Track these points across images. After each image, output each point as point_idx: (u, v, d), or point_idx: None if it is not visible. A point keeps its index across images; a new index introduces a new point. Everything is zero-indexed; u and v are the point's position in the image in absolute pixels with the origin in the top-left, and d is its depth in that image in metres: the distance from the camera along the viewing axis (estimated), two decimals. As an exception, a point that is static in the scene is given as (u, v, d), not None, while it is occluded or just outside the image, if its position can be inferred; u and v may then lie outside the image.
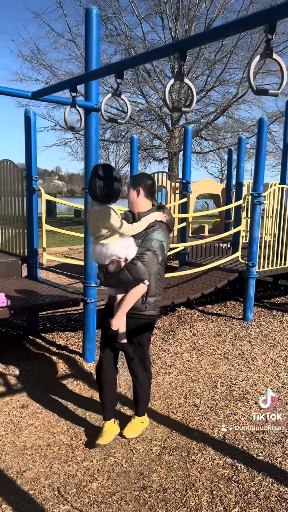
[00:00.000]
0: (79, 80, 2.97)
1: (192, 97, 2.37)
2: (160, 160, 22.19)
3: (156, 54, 2.36)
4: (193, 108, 2.39)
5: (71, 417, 3.43)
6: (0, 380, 3.97)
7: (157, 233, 2.79)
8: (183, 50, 2.27)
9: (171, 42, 2.77)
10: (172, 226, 2.98)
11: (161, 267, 2.87)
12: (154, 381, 4.08)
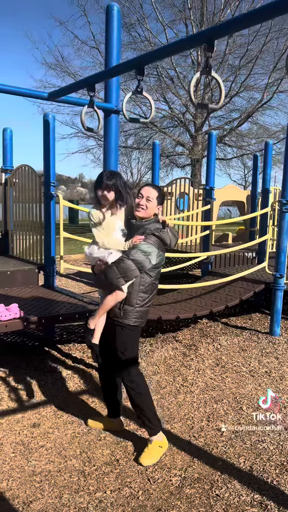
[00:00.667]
0: (97, 77, 2.77)
1: (220, 93, 2.13)
2: (182, 166, 21.97)
3: (181, 45, 2.13)
4: (221, 105, 2.15)
5: (85, 439, 3.19)
6: (12, 395, 3.77)
7: (143, 244, 2.75)
8: (210, 38, 2.04)
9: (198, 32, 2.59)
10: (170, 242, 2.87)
11: (144, 280, 2.83)
12: (175, 401, 3.81)
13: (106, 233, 2.82)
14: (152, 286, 2.90)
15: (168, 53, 2.28)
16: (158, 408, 3.67)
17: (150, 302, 2.96)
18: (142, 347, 4.96)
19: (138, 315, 2.90)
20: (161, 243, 2.82)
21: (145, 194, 2.83)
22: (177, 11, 17.71)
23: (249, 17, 1.92)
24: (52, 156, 4.97)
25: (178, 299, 5.70)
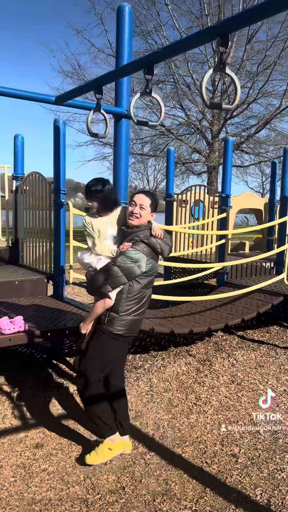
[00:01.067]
0: (104, 79, 2.61)
1: (236, 92, 1.93)
2: (198, 174, 21.75)
3: (192, 41, 1.94)
4: (236, 104, 1.96)
5: (89, 462, 2.99)
6: (16, 412, 3.60)
7: (130, 251, 2.70)
8: (224, 33, 1.85)
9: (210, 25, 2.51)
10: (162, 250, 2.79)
11: (132, 288, 2.74)
12: (187, 421, 3.59)
13: (98, 239, 2.86)
14: (141, 294, 2.80)
15: (178, 50, 2.10)
16: (169, 429, 3.46)
17: (139, 311, 2.84)
18: (154, 361, 4.75)
19: (123, 324, 2.79)
20: (151, 251, 2.75)
21: (138, 202, 2.76)
22: (194, 18, 17.59)
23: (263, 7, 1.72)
24: (63, 163, 4.83)
25: (192, 311, 5.47)
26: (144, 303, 2.86)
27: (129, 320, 2.81)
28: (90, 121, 2.78)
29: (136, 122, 2.22)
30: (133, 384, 4.19)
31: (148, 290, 2.87)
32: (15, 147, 5.84)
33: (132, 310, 2.80)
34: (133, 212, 2.75)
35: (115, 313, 2.78)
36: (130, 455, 3.09)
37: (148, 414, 3.69)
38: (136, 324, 2.87)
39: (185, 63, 17.62)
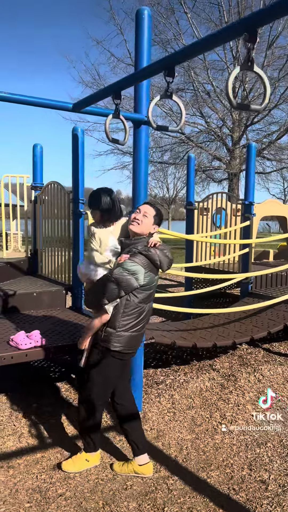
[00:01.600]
0: (124, 83, 2.48)
1: (265, 91, 1.77)
2: (219, 181, 21.53)
3: (217, 38, 1.79)
4: (265, 105, 1.79)
5: (109, 487, 2.82)
6: (33, 430, 3.47)
7: (128, 262, 2.63)
8: (252, 27, 1.69)
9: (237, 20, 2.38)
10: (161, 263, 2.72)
11: (129, 302, 2.67)
12: (211, 442, 3.39)
13: (99, 249, 2.87)
14: (139, 309, 2.71)
15: (202, 49, 1.95)
16: (193, 450, 3.27)
17: (138, 327, 2.75)
18: (176, 376, 4.56)
19: (121, 340, 2.70)
20: (149, 263, 2.68)
21: (142, 209, 2.76)
22: (213, 25, 17.52)
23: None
24: (81, 172, 4.74)
25: (215, 323, 5.27)
26: (142, 318, 2.76)
27: (127, 336, 2.71)
28: (109, 128, 2.66)
29: (156, 127, 2.08)
30: (154, 401, 4.01)
31: (147, 305, 2.78)
32: (34, 157, 5.79)
33: (129, 325, 2.71)
34: (135, 218, 2.73)
35: (112, 329, 2.70)
36: (151, 479, 2.91)
37: (171, 434, 3.50)
38: (134, 340, 2.77)
39: (204, 71, 17.53)
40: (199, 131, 18.96)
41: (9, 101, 2.90)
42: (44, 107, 3.12)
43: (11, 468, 2.99)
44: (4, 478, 2.88)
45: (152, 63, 2.18)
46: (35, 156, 5.77)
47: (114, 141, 2.78)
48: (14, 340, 3.41)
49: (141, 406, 3.81)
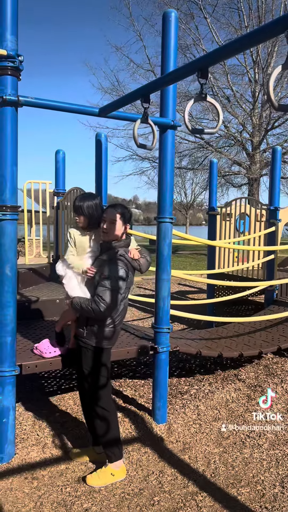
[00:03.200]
0: (152, 86, 2.42)
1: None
2: (239, 186, 21.32)
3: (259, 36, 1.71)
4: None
5: (136, 502, 2.73)
6: (57, 441, 3.40)
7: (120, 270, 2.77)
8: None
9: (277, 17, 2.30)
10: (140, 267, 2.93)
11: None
12: (240, 456, 3.26)
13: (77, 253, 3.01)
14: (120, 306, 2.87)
15: (239, 48, 1.87)
16: (221, 465, 3.15)
17: (117, 322, 2.92)
18: (200, 386, 4.45)
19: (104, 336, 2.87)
20: (130, 265, 2.86)
21: (107, 217, 2.85)
22: (233, 30, 17.43)
23: None
24: (105, 178, 4.69)
25: (240, 331, 5.14)
26: (121, 312, 2.92)
27: (109, 330, 2.88)
28: (137, 133, 2.60)
29: (192, 130, 2.00)
30: (179, 411, 3.90)
31: (125, 301, 2.93)
32: (56, 163, 5.78)
33: (111, 320, 2.86)
34: (104, 228, 2.85)
35: (95, 326, 2.85)
36: (179, 495, 2.80)
37: (197, 447, 3.39)
38: (116, 334, 2.95)
39: (224, 75, 17.43)
40: (218, 136, 18.83)
41: (35, 106, 2.88)
42: (71, 112, 3.10)
43: (35, 480, 2.93)
44: (28, 490, 2.82)
45: (185, 65, 2.11)
46: (57, 162, 5.76)
47: (141, 146, 2.72)
48: (38, 348, 3.36)
49: (166, 417, 3.71)
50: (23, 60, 2.80)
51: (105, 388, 2.93)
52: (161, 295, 3.59)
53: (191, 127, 1.94)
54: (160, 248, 3.55)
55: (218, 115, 1.97)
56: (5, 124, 2.81)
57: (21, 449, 3.23)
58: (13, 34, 2.75)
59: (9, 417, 3.02)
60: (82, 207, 2.92)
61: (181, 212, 43.99)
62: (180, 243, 5.75)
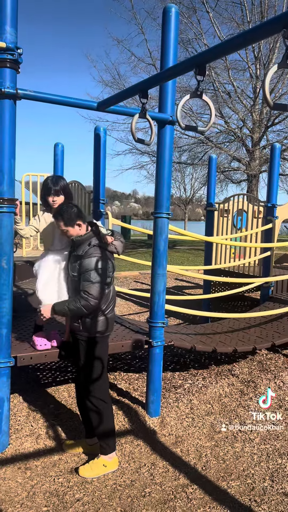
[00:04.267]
0: (150, 82, 2.43)
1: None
2: (238, 182, 21.29)
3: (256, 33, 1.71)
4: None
5: (127, 493, 2.77)
6: (50, 432, 3.44)
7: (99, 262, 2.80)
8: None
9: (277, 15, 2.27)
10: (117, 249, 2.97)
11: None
12: (231, 450, 3.31)
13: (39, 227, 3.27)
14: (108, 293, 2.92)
15: (237, 45, 1.87)
16: (212, 458, 3.20)
17: (109, 309, 2.96)
18: (194, 380, 4.49)
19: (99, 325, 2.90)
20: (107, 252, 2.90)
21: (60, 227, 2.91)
22: (235, 25, 17.33)
23: None
24: (103, 171, 4.70)
25: (235, 327, 5.18)
26: (111, 299, 2.96)
27: (102, 319, 2.91)
28: (135, 127, 2.60)
29: (184, 127, 2.01)
30: (173, 405, 3.94)
31: (112, 287, 2.98)
32: (55, 156, 5.78)
33: (103, 309, 2.90)
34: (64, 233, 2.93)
35: (88, 318, 2.87)
36: (170, 487, 2.84)
37: (189, 440, 3.43)
38: (110, 322, 2.98)
39: (225, 71, 17.34)
40: (218, 131, 18.78)
41: (34, 99, 2.88)
42: (69, 106, 3.09)
43: (28, 470, 2.97)
44: (21, 480, 2.86)
45: (183, 61, 2.12)
46: (56, 155, 5.76)
47: (139, 141, 2.73)
48: (33, 340, 3.39)
49: (159, 410, 3.75)
50: (22, 53, 2.80)
51: (102, 379, 2.96)
52: (157, 290, 3.62)
53: (184, 124, 1.95)
54: (156, 243, 3.56)
55: (211, 114, 1.98)
56: (3, 117, 2.81)
57: (15, 440, 3.27)
58: (12, 26, 2.75)
59: (3, 408, 3.05)
60: (62, 187, 3.14)
61: (180, 207, 43.90)
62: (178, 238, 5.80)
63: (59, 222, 2.89)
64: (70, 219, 2.86)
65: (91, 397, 2.93)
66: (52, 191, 3.13)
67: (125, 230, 25.48)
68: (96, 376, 2.94)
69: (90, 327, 2.90)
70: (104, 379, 2.99)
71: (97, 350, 2.94)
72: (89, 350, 2.93)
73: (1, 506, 2.60)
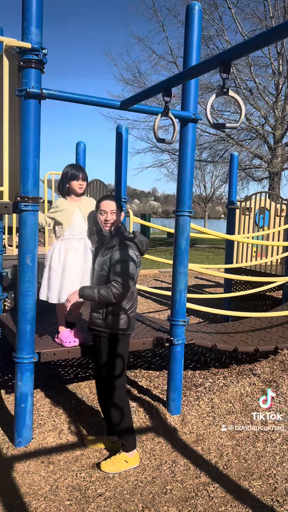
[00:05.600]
0: (173, 80, 2.43)
1: None
2: (259, 180, 21.04)
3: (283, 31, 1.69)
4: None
5: (148, 490, 2.79)
6: (73, 427, 3.48)
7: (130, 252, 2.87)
8: None
9: None
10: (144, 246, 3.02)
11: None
12: (253, 450, 3.29)
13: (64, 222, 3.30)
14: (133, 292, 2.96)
15: (263, 43, 1.85)
16: (234, 457, 3.19)
17: (133, 308, 3.01)
18: (215, 379, 4.48)
19: (122, 323, 2.93)
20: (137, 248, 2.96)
21: (108, 209, 2.94)
22: (257, 21, 17.10)
23: None
24: (124, 170, 4.72)
25: (256, 326, 5.14)
26: (134, 298, 3.02)
27: (125, 318, 2.94)
28: (157, 126, 2.61)
29: (213, 125, 2.00)
30: (193, 404, 3.94)
31: (135, 286, 3.02)
32: (77, 155, 5.83)
33: (127, 307, 2.93)
34: (106, 219, 2.94)
35: (109, 315, 2.91)
36: (191, 485, 2.85)
37: (210, 439, 3.43)
38: (132, 321, 3.00)
39: (247, 67, 17.15)
40: (240, 128, 18.58)
41: (58, 99, 2.92)
42: (92, 105, 3.12)
43: (51, 464, 3.02)
44: (44, 473, 2.91)
45: (207, 59, 2.11)
46: (78, 154, 5.81)
47: (161, 140, 2.73)
48: (59, 337, 3.44)
49: (180, 408, 3.76)
50: (47, 53, 2.84)
51: (121, 378, 2.98)
52: (178, 288, 3.62)
53: (212, 121, 1.94)
54: (178, 241, 3.56)
55: (241, 109, 1.96)
56: (28, 117, 2.86)
57: (38, 434, 3.33)
58: (38, 27, 2.79)
59: (27, 403, 3.11)
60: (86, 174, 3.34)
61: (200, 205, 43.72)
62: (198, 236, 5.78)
63: (113, 203, 2.95)
64: (121, 205, 3.01)
65: (110, 396, 2.96)
66: (81, 176, 3.27)
67: (144, 228, 25.47)
68: (116, 374, 2.96)
69: (112, 324, 2.92)
70: (123, 378, 3.01)
71: (118, 348, 2.96)
72: (111, 347, 2.95)
73: (25, 498, 2.66)
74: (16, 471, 2.91)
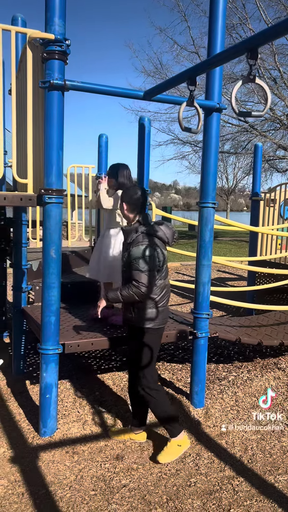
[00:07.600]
0: (199, 68, 2.38)
1: None
2: (284, 171, 20.63)
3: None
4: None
5: (172, 482, 2.79)
6: (96, 419, 3.51)
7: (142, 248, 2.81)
8: None
9: None
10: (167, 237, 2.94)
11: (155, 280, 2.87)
12: (278, 444, 3.25)
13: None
14: (161, 285, 2.91)
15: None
16: (259, 451, 3.16)
17: (163, 302, 2.96)
18: (239, 373, 4.43)
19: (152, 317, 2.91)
20: (156, 240, 2.88)
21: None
22: (282, 8, 16.66)
23: None
24: (147, 162, 4.69)
25: (281, 320, 5.05)
26: (165, 292, 2.97)
27: (154, 311, 2.91)
28: (182, 116, 2.57)
29: (238, 113, 1.95)
30: (217, 397, 3.91)
31: (166, 280, 2.98)
32: (99, 147, 5.82)
33: (156, 300, 2.90)
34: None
35: (139, 308, 2.90)
36: (216, 478, 2.83)
37: (234, 433, 3.40)
38: (162, 315, 2.96)
39: (271, 56, 16.76)
40: (263, 119, 18.23)
41: (82, 90, 2.90)
42: (116, 96, 3.09)
43: (76, 454, 3.05)
44: (69, 463, 2.94)
45: (234, 45, 2.06)
46: (100, 147, 5.80)
47: (186, 129, 2.68)
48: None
49: (203, 401, 3.74)
50: (70, 44, 2.82)
51: (149, 368, 2.98)
52: (201, 281, 3.58)
53: (238, 110, 1.89)
54: (201, 233, 3.52)
55: (267, 97, 1.91)
56: (52, 108, 2.85)
57: (62, 425, 3.36)
58: (61, 18, 2.77)
59: (52, 394, 3.14)
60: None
61: (222, 197, 43.23)
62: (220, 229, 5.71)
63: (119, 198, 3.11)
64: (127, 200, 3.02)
65: (144, 386, 2.97)
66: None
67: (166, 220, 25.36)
68: (144, 365, 2.96)
69: (141, 318, 2.92)
70: (153, 368, 3.02)
71: (148, 340, 2.95)
72: (141, 340, 2.95)
73: (50, 487, 2.70)
74: (41, 460, 2.95)
